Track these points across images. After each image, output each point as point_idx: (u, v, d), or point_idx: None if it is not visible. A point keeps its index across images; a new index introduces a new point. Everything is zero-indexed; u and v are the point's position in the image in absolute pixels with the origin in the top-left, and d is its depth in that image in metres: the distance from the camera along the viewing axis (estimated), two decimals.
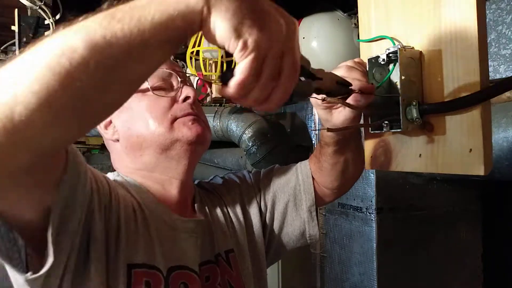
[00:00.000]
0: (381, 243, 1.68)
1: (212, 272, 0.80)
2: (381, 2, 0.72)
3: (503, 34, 1.30)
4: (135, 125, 0.79)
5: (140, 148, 0.79)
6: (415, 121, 0.63)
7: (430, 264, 1.79)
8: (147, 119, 0.78)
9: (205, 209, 0.86)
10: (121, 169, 0.83)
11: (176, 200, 0.81)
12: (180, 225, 0.77)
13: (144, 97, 0.79)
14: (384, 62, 0.67)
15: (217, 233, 0.84)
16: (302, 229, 0.94)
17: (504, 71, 1.29)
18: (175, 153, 0.79)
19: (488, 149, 0.59)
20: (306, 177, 0.94)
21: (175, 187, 0.81)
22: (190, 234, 0.77)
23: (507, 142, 1.20)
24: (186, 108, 0.80)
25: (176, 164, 0.80)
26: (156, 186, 0.80)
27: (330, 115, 0.73)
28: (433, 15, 0.64)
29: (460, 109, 0.60)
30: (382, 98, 0.67)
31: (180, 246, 0.75)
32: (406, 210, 1.74)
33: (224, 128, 2.13)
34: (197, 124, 0.80)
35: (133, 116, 0.79)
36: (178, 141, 0.78)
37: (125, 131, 0.80)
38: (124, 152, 0.82)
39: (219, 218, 0.88)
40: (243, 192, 0.95)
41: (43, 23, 1.62)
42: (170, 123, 0.78)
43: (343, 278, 1.85)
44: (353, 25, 1.79)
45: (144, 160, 0.80)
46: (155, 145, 0.78)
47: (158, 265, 0.70)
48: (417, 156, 0.67)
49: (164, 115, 0.78)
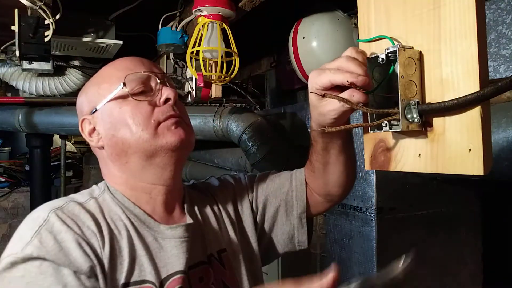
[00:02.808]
0: (381, 243, 1.68)
1: (205, 273, 0.80)
2: (381, 2, 0.72)
3: (503, 34, 1.30)
4: (119, 132, 0.78)
5: (125, 155, 0.79)
6: (414, 121, 0.63)
7: (430, 264, 1.79)
8: (130, 125, 0.77)
9: (195, 211, 0.87)
10: (109, 178, 0.83)
11: (165, 206, 0.82)
12: (169, 233, 0.78)
13: (125, 103, 0.79)
14: (383, 62, 0.67)
15: (208, 234, 0.85)
16: (291, 235, 0.95)
17: (504, 71, 1.29)
18: (160, 160, 0.79)
19: (488, 149, 0.59)
20: (300, 184, 0.95)
21: (163, 193, 0.82)
22: (180, 240, 0.78)
23: (507, 142, 1.20)
24: (168, 111, 0.79)
25: (161, 171, 0.80)
26: (144, 196, 0.81)
27: (319, 102, 0.72)
28: (433, 15, 0.64)
29: (460, 109, 0.60)
30: (381, 97, 0.67)
31: (171, 254, 0.77)
32: (406, 210, 1.74)
33: (224, 128, 2.13)
34: (179, 128, 0.79)
35: (116, 123, 0.79)
36: (163, 148, 0.78)
37: (110, 138, 0.80)
38: (110, 159, 0.82)
39: (209, 218, 0.88)
40: (236, 192, 0.96)
41: (43, 23, 1.62)
42: (154, 129, 0.78)
43: (343, 278, 1.85)
44: (353, 25, 1.79)
45: (130, 167, 0.80)
46: (140, 152, 0.78)
47: (149, 279, 0.73)
48: (417, 156, 0.67)
49: (147, 120, 0.78)
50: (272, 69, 2.58)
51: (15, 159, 4.30)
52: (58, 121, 2.71)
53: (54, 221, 0.70)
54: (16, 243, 0.69)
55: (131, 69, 0.81)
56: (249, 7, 1.62)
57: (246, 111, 2.13)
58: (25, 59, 2.04)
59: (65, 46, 2.12)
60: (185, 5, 1.93)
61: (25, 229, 0.70)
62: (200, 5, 1.54)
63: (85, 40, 2.07)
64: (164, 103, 0.80)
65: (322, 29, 1.78)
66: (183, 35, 1.95)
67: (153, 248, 0.76)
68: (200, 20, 1.57)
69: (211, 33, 1.55)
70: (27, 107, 2.77)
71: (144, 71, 0.81)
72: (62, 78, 2.57)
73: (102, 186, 0.82)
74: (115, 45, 2.14)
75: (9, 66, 2.52)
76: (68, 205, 0.74)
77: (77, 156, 4.88)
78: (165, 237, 0.78)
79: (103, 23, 2.11)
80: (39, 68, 2.34)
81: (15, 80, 2.57)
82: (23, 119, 2.79)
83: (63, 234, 0.69)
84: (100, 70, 0.87)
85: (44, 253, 0.66)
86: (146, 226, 0.78)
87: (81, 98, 0.87)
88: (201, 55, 1.54)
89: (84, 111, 0.85)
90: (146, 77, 0.81)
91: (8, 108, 2.84)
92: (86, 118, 0.83)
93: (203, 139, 2.23)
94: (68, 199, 0.77)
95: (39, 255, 0.66)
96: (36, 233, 0.68)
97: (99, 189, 0.82)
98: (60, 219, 0.70)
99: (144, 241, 0.76)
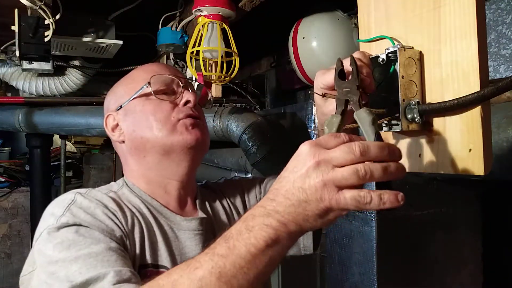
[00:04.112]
0: (381, 243, 1.68)
1: None
2: (381, 2, 0.72)
3: (503, 34, 1.30)
4: (139, 127, 0.84)
5: (144, 149, 0.84)
6: (415, 121, 0.63)
7: (430, 264, 1.79)
8: (151, 121, 0.83)
9: (206, 207, 0.91)
10: (127, 173, 0.89)
11: (178, 200, 0.87)
12: (184, 225, 0.83)
13: (148, 101, 0.85)
14: (383, 62, 0.67)
15: (219, 229, 0.88)
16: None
17: (504, 71, 1.29)
18: (176, 155, 0.84)
19: (488, 149, 0.59)
20: None
21: (176, 188, 0.86)
22: (194, 232, 0.83)
23: (507, 142, 1.20)
24: (187, 110, 0.85)
25: (176, 166, 0.85)
26: (159, 190, 0.86)
27: (323, 102, 0.73)
28: (433, 15, 0.64)
29: (460, 109, 0.60)
30: (381, 98, 0.67)
31: (185, 245, 0.82)
32: (406, 210, 1.74)
33: (224, 128, 2.13)
34: (197, 129, 0.85)
35: (138, 119, 0.85)
36: (179, 144, 0.83)
37: (130, 133, 0.86)
38: (129, 153, 0.87)
39: (220, 214, 0.93)
40: (245, 190, 1.00)
41: (43, 23, 1.62)
42: (172, 126, 0.83)
43: (343, 278, 1.85)
44: (353, 25, 1.79)
45: (147, 160, 0.85)
46: (157, 147, 0.83)
47: (165, 264, 0.76)
48: (417, 156, 0.67)
49: (167, 117, 0.83)
50: (272, 69, 2.58)
51: (15, 159, 4.30)
52: (58, 121, 2.71)
53: (82, 200, 0.74)
54: (48, 219, 0.72)
55: (157, 71, 0.87)
56: (249, 7, 1.62)
57: (246, 111, 2.13)
58: (25, 59, 2.05)
59: (65, 46, 2.12)
60: (185, 5, 1.93)
61: (55, 207, 0.74)
62: (200, 5, 1.54)
63: (85, 40, 2.07)
64: (184, 105, 0.86)
65: (322, 29, 1.78)
66: (183, 35, 1.95)
67: (169, 236, 0.81)
68: (200, 20, 1.57)
69: (211, 33, 1.55)
70: (27, 107, 2.77)
71: (169, 74, 0.87)
72: (62, 78, 2.57)
73: (121, 182, 0.87)
74: (115, 45, 2.14)
75: (9, 66, 2.52)
76: (91, 191, 0.79)
77: (77, 156, 4.88)
78: (181, 228, 0.82)
79: (103, 23, 2.11)
80: (39, 68, 2.34)
81: (15, 80, 2.57)
82: (23, 119, 2.79)
83: (92, 209, 0.73)
84: (130, 73, 0.93)
85: (79, 220, 0.70)
86: (163, 216, 0.83)
87: (109, 97, 0.93)
88: (201, 55, 1.54)
89: (110, 108, 0.91)
90: (170, 80, 0.87)
91: (8, 108, 2.84)
92: (111, 114, 0.89)
93: None
94: (89, 189, 0.81)
95: (75, 222, 0.70)
96: (67, 209, 0.72)
97: (117, 185, 0.87)
98: (86, 199, 0.75)
99: (162, 228, 0.80)
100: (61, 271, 0.65)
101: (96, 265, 0.64)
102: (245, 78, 2.80)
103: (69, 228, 0.69)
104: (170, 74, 0.87)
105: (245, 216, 0.55)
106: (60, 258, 0.66)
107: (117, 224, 0.73)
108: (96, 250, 0.66)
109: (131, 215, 0.77)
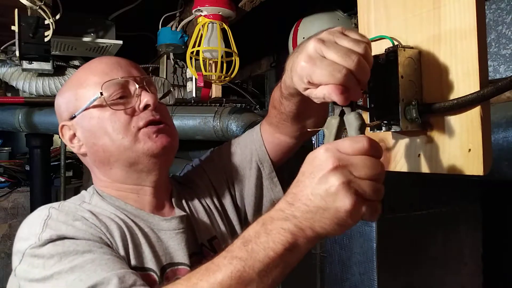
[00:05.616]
0: (381, 243, 1.68)
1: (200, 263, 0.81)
2: (381, 2, 0.72)
3: (503, 34, 1.30)
4: (99, 140, 0.78)
5: (108, 163, 0.80)
6: (414, 121, 0.63)
7: (430, 264, 1.79)
8: (110, 133, 0.77)
9: (183, 204, 0.88)
10: (96, 182, 0.85)
11: (154, 202, 0.83)
12: (164, 225, 0.80)
13: (103, 110, 0.78)
14: (383, 62, 0.67)
15: (197, 225, 0.86)
16: (270, 198, 0.95)
17: (504, 71, 1.29)
18: (143, 166, 0.79)
19: (488, 149, 0.59)
20: (259, 146, 0.92)
21: (150, 193, 0.83)
22: (175, 232, 0.80)
23: (507, 142, 1.19)
24: (147, 116, 0.78)
25: (146, 175, 0.81)
26: (131, 195, 0.82)
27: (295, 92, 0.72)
28: (433, 15, 0.64)
29: (459, 109, 0.60)
30: (381, 98, 0.67)
31: (169, 245, 0.79)
32: (406, 210, 1.74)
33: (224, 128, 2.13)
34: (161, 135, 0.79)
35: (96, 130, 0.78)
36: (144, 155, 0.78)
37: (91, 146, 0.80)
38: (94, 165, 0.83)
39: (197, 209, 0.89)
40: (212, 179, 0.96)
41: (43, 23, 1.62)
42: (134, 136, 0.77)
43: (343, 278, 1.85)
44: (353, 25, 1.78)
45: (114, 172, 0.81)
46: (122, 159, 0.78)
47: (150, 266, 0.74)
48: (416, 156, 0.67)
49: (126, 127, 0.77)
50: (272, 69, 2.58)
51: (15, 159, 4.29)
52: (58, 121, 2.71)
53: (57, 213, 0.72)
54: (28, 239, 0.68)
55: (107, 73, 0.79)
56: (249, 7, 1.62)
57: (246, 111, 2.13)
58: (25, 59, 2.05)
59: (65, 46, 2.12)
60: (185, 5, 1.93)
61: (31, 226, 0.71)
62: (200, 5, 1.54)
63: (85, 40, 2.07)
64: (143, 109, 0.79)
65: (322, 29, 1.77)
66: (183, 35, 1.95)
67: (151, 237, 0.78)
68: (200, 20, 1.57)
69: (211, 33, 1.55)
70: (27, 107, 2.76)
71: (122, 76, 0.79)
72: (62, 78, 2.57)
73: (91, 190, 0.83)
74: (115, 45, 2.14)
75: (9, 66, 2.52)
76: (64, 204, 0.76)
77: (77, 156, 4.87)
78: (161, 228, 0.79)
79: (103, 23, 2.11)
80: (39, 68, 2.34)
81: (15, 80, 2.57)
82: (23, 119, 2.78)
83: (71, 221, 0.71)
84: (76, 72, 0.85)
85: (62, 233, 0.68)
86: (141, 219, 0.79)
87: (58, 100, 0.86)
88: (201, 55, 1.54)
89: (63, 116, 0.85)
90: (124, 82, 0.79)
91: (8, 108, 2.84)
92: (65, 124, 0.83)
93: (203, 139, 2.23)
94: (61, 202, 0.79)
95: (58, 236, 0.67)
96: (45, 225, 0.69)
97: (88, 194, 0.83)
98: (62, 212, 0.73)
99: (143, 231, 0.77)
100: (60, 283, 0.63)
101: (95, 269, 0.63)
102: (245, 78, 2.80)
103: (54, 243, 0.66)
104: (123, 76, 0.79)
105: (264, 218, 0.55)
106: (55, 271, 0.64)
107: (99, 232, 0.71)
108: (90, 257, 0.65)
109: (109, 223, 0.75)
